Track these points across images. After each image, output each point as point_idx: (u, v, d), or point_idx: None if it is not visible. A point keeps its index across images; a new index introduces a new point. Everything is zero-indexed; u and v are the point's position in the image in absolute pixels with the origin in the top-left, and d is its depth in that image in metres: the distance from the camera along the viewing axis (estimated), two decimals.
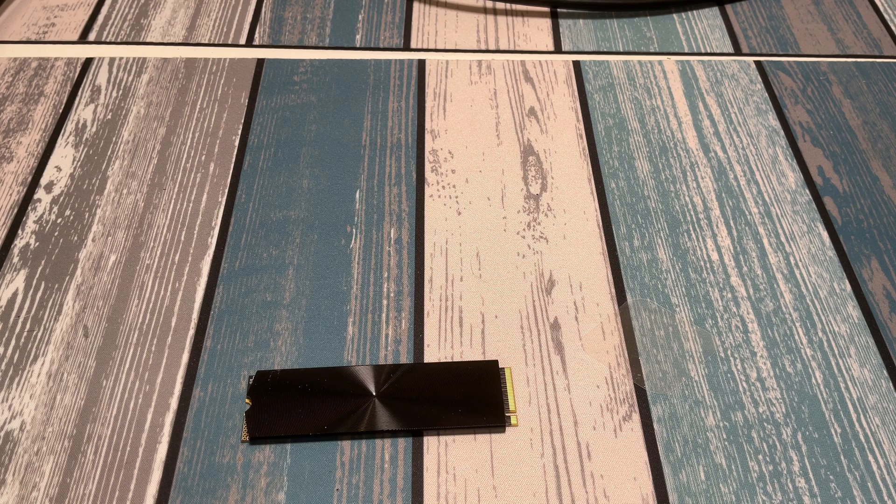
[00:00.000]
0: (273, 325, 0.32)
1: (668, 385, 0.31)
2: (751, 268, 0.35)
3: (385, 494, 0.28)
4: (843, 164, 0.40)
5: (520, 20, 0.48)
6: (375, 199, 0.37)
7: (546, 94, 0.43)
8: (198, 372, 0.31)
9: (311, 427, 0.29)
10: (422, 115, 0.41)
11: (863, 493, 0.28)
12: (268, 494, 0.27)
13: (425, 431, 0.29)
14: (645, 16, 0.48)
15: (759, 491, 0.28)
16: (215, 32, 0.46)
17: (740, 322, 0.33)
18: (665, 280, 0.34)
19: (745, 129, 0.41)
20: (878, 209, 0.38)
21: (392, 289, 0.34)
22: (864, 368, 0.32)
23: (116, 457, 0.28)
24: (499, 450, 0.29)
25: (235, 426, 0.29)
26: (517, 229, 0.36)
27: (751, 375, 0.31)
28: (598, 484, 0.28)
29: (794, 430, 0.30)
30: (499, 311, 0.33)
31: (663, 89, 0.43)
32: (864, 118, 0.42)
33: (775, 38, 0.47)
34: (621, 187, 0.38)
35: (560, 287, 0.34)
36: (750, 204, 0.38)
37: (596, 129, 0.41)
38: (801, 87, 0.44)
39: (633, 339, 0.32)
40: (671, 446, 0.29)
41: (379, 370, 0.30)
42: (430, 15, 0.48)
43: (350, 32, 0.46)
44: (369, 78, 0.43)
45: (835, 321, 0.33)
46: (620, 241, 0.36)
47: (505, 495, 0.28)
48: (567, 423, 0.30)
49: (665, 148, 0.40)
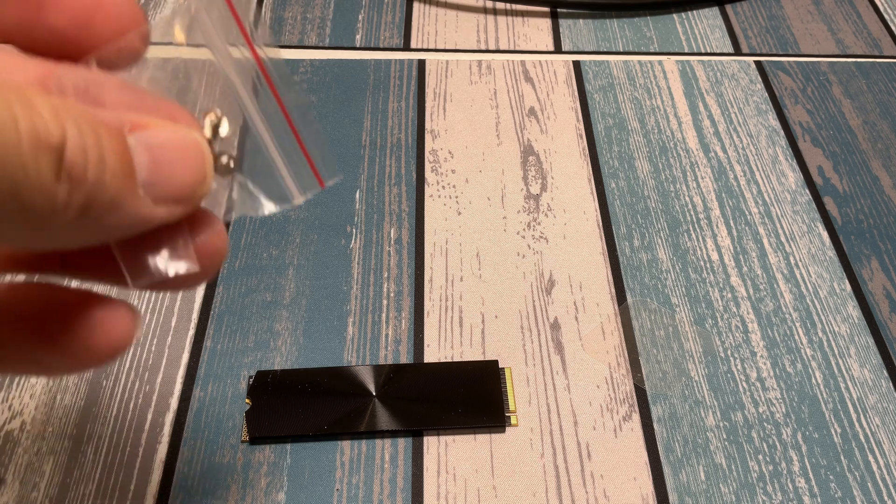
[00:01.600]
0: (273, 325, 0.32)
1: (668, 385, 0.31)
2: (751, 268, 0.35)
3: (385, 494, 0.28)
4: (843, 164, 0.40)
5: (520, 20, 0.48)
6: (375, 199, 0.37)
7: (546, 94, 0.43)
8: (198, 372, 0.31)
9: (311, 427, 0.29)
10: (422, 115, 0.41)
11: (863, 492, 0.28)
12: (268, 494, 0.27)
13: (425, 431, 0.29)
14: (645, 16, 0.48)
15: (759, 491, 0.28)
16: None
17: (740, 322, 0.33)
18: (665, 280, 0.34)
19: (745, 129, 0.41)
20: (878, 209, 0.38)
21: (392, 289, 0.34)
22: (864, 368, 0.32)
23: (116, 457, 0.28)
24: (499, 450, 0.29)
25: (235, 426, 0.29)
26: (517, 229, 0.36)
27: (751, 375, 0.31)
28: (598, 484, 0.28)
29: (794, 430, 0.30)
30: (499, 311, 0.33)
31: (663, 89, 0.43)
32: (864, 118, 0.42)
33: (775, 38, 0.47)
34: (621, 187, 0.38)
35: (560, 287, 0.34)
36: (750, 204, 0.38)
37: (596, 129, 0.41)
38: (801, 87, 0.44)
39: (633, 339, 0.32)
40: (671, 446, 0.29)
41: (379, 370, 0.30)
42: (430, 15, 0.48)
43: (350, 32, 0.46)
44: (369, 78, 0.43)
45: (835, 321, 0.33)
46: (620, 241, 0.36)
47: (505, 495, 0.28)
48: (567, 423, 0.30)
49: (665, 148, 0.40)
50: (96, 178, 0.13)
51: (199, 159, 0.15)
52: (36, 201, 0.12)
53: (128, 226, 0.14)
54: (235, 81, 0.17)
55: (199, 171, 0.15)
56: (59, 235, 0.13)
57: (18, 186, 0.12)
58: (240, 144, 0.16)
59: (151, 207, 0.14)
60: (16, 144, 0.11)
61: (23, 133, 0.12)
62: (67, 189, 0.12)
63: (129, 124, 0.14)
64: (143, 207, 0.14)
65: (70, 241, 0.14)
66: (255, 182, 0.17)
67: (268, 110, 0.17)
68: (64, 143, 0.12)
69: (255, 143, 0.17)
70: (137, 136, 0.14)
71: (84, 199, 0.13)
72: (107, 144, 0.13)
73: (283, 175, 0.17)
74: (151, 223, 0.15)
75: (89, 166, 0.13)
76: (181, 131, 0.15)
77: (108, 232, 0.14)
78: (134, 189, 0.14)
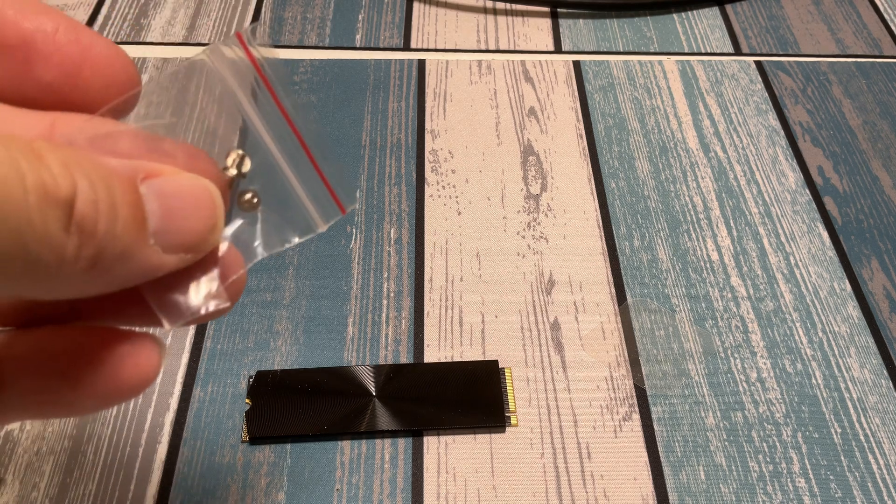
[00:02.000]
0: (273, 325, 0.32)
1: (668, 385, 0.31)
2: (751, 268, 0.35)
3: (385, 494, 0.28)
4: (843, 164, 0.40)
5: (520, 20, 0.48)
6: (375, 198, 0.37)
7: (546, 94, 0.43)
8: (198, 372, 0.31)
9: (311, 427, 0.29)
10: (422, 115, 0.41)
11: (863, 493, 0.28)
12: (268, 494, 0.27)
13: (425, 431, 0.29)
14: (645, 16, 0.48)
15: (760, 491, 0.28)
16: (215, 32, 0.46)
17: (740, 322, 0.33)
18: (665, 280, 0.34)
19: (746, 129, 0.41)
20: (878, 209, 0.38)
21: (392, 289, 0.34)
22: (864, 368, 0.32)
23: (116, 457, 0.28)
24: (499, 450, 0.29)
25: (235, 426, 0.29)
26: (517, 229, 0.36)
27: (751, 375, 0.31)
28: (599, 484, 0.28)
29: (795, 430, 0.30)
30: (499, 311, 0.33)
31: (663, 89, 0.43)
32: (864, 118, 0.42)
33: (775, 38, 0.47)
34: (621, 187, 0.38)
35: (560, 287, 0.34)
36: (750, 204, 0.38)
37: (596, 129, 0.41)
38: (802, 86, 0.44)
39: (633, 339, 0.32)
40: (671, 446, 0.29)
41: (379, 370, 0.30)
42: (430, 15, 0.48)
43: (350, 32, 0.46)
44: (369, 78, 0.43)
45: (835, 321, 0.33)
46: (620, 241, 0.36)
47: (505, 495, 0.28)
48: (567, 423, 0.30)
49: (665, 148, 0.40)
50: (107, 230, 0.13)
51: (211, 207, 0.15)
52: (43, 254, 0.12)
53: (137, 275, 0.14)
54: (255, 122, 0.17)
55: (210, 220, 0.15)
56: (67, 286, 0.13)
57: (24, 240, 0.12)
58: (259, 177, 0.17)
59: (161, 256, 0.14)
60: (21, 199, 0.11)
61: (29, 187, 0.12)
62: (77, 242, 0.12)
63: (142, 173, 0.14)
64: (153, 256, 0.14)
65: (78, 291, 0.14)
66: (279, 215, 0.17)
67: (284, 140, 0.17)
68: (74, 195, 0.12)
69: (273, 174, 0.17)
70: (149, 184, 0.14)
71: (94, 251, 0.13)
72: (119, 196, 0.13)
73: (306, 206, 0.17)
74: (161, 271, 0.15)
75: (100, 219, 0.13)
76: (192, 179, 0.15)
77: (116, 281, 0.14)
78: (145, 239, 0.14)
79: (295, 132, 0.17)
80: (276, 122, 0.17)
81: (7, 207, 0.11)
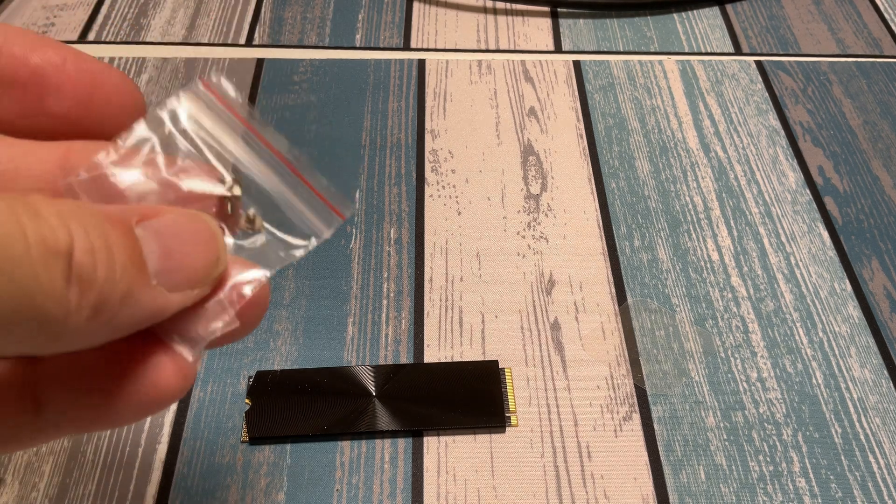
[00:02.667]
0: (273, 325, 0.32)
1: (668, 385, 0.31)
2: (751, 268, 0.35)
3: (385, 495, 0.28)
4: (843, 164, 0.40)
5: (520, 20, 0.48)
6: (375, 198, 0.37)
7: (546, 94, 0.43)
8: (198, 372, 0.31)
9: (311, 427, 0.29)
10: (422, 115, 0.41)
11: (863, 493, 0.28)
12: (268, 494, 0.27)
13: (425, 432, 0.29)
14: (645, 16, 0.48)
15: (760, 491, 0.28)
16: (215, 32, 0.46)
17: (741, 322, 0.33)
18: (665, 280, 0.34)
19: (746, 128, 0.41)
20: (879, 209, 0.38)
21: (392, 289, 0.34)
22: (864, 368, 0.32)
23: (116, 457, 0.28)
24: (499, 450, 0.29)
25: (235, 426, 0.29)
26: (517, 229, 0.36)
27: (751, 375, 0.31)
28: (599, 484, 0.28)
29: (795, 430, 0.30)
30: (499, 311, 0.33)
31: (663, 89, 0.43)
32: (864, 118, 0.42)
33: (776, 38, 0.47)
34: (621, 187, 0.38)
35: (560, 287, 0.34)
36: (750, 204, 0.38)
37: (596, 129, 0.41)
38: (802, 86, 0.44)
39: (634, 339, 0.32)
40: (671, 446, 0.29)
41: (379, 370, 0.30)
42: (430, 15, 0.48)
43: (350, 32, 0.46)
44: (369, 78, 0.43)
45: (835, 321, 0.33)
46: (621, 241, 0.36)
47: (505, 495, 0.28)
48: (567, 423, 0.30)
49: (665, 148, 0.40)
50: (106, 277, 0.13)
51: (211, 241, 0.15)
52: (48, 307, 0.12)
53: (145, 318, 0.14)
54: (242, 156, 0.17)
55: (210, 253, 0.15)
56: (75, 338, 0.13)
57: (32, 295, 0.12)
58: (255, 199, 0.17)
59: (167, 296, 0.14)
60: (26, 255, 0.11)
61: (32, 243, 0.12)
62: (78, 291, 0.12)
63: (136, 215, 0.14)
64: (158, 297, 0.14)
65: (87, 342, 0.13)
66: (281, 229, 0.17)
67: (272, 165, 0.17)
68: (72, 246, 0.12)
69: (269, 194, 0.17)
70: (145, 226, 0.14)
71: (95, 298, 0.13)
72: (115, 240, 0.13)
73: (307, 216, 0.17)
74: (168, 312, 0.14)
75: (98, 266, 0.13)
76: (188, 215, 0.15)
77: (124, 326, 0.14)
78: (146, 281, 0.14)
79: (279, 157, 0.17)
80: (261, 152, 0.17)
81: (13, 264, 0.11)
